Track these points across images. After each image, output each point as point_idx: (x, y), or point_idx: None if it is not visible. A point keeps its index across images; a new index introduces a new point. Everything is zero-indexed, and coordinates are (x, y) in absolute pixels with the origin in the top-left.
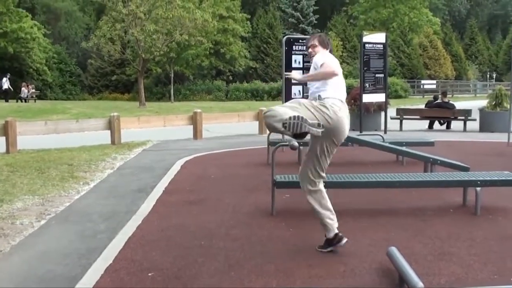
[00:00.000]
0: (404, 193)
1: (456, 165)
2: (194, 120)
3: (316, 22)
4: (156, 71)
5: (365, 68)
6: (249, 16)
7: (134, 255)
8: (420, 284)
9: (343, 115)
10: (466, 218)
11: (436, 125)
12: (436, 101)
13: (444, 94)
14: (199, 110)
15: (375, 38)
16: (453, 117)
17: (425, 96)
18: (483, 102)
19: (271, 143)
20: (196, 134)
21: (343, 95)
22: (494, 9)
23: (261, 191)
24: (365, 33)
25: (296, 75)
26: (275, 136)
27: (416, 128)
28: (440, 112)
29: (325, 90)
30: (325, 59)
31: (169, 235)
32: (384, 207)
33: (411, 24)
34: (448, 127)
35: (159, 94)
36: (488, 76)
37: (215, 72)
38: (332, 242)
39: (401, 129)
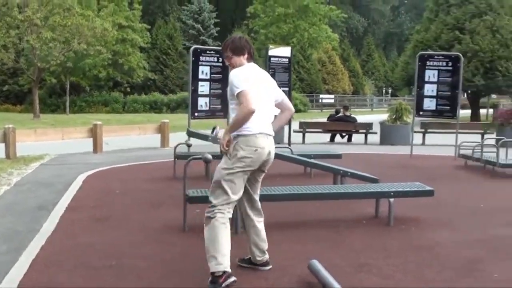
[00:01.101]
0: (314, 205)
1: (366, 177)
2: (94, 133)
3: (216, 34)
4: (51, 82)
5: None
6: (149, 27)
7: (40, 277)
8: None
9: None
10: (380, 229)
11: (338, 138)
12: (338, 115)
13: (346, 108)
14: (99, 123)
15: (281, 52)
16: (354, 130)
17: (324, 110)
18: (380, 116)
19: (178, 156)
20: (96, 147)
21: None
22: (390, 27)
23: (169, 206)
24: (271, 46)
25: (222, 134)
26: (182, 149)
27: (318, 141)
28: (342, 126)
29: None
30: (240, 83)
31: (76, 255)
32: (297, 220)
33: (310, 40)
34: (349, 140)
35: (53, 105)
36: (384, 91)
37: (112, 84)
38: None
39: (303, 142)
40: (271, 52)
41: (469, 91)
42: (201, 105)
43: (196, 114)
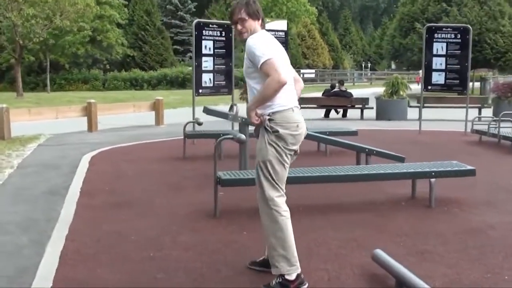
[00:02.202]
0: (341, 188)
1: (393, 155)
2: (89, 111)
3: (194, 9)
4: (29, 60)
5: None
6: (126, 2)
7: (76, 273)
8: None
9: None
10: (422, 211)
11: (332, 113)
12: (334, 90)
13: (342, 82)
14: (93, 101)
15: (277, 25)
16: (350, 105)
17: (305, 86)
18: (364, 91)
19: (188, 136)
20: (91, 126)
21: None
22: (365, 1)
23: (189, 189)
24: (266, 20)
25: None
26: (192, 128)
27: (312, 117)
28: (337, 101)
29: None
30: (264, 51)
31: (108, 246)
32: (332, 202)
33: (289, 14)
34: (344, 115)
35: (32, 83)
36: (363, 65)
37: (91, 61)
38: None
39: None
40: (267, 26)
41: None
42: (205, 81)
43: (200, 91)
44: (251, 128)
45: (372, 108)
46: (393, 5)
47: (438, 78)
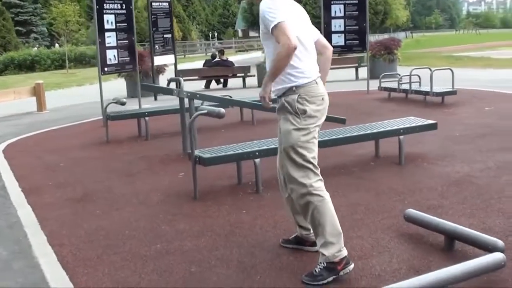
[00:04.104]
0: None
1: (334, 118)
2: None
3: None
4: None
5: (153, 29)
6: None
7: (97, 281)
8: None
9: None
10: (398, 169)
11: (213, 84)
12: (215, 60)
13: (222, 52)
14: None
15: None
16: (232, 74)
17: None
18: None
19: (111, 117)
20: None
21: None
22: None
23: (141, 174)
24: None
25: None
26: (116, 108)
27: (193, 89)
28: (220, 70)
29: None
30: (276, 14)
31: (108, 245)
32: None
33: None
34: (225, 85)
35: None
36: (210, 35)
37: None
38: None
39: None
40: None
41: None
42: (110, 58)
43: (106, 69)
44: (198, 102)
45: (254, 76)
46: None
47: (338, 40)
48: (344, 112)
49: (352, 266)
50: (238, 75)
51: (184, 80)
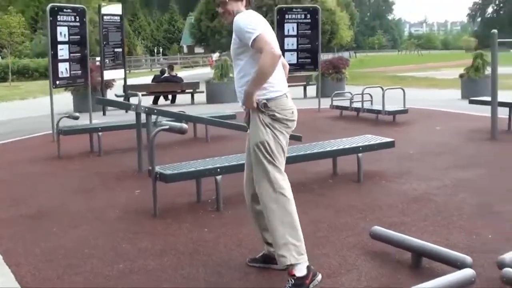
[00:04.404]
0: None
1: (292, 135)
2: None
3: None
4: None
5: (104, 43)
6: None
7: None
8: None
9: None
10: (356, 186)
11: (161, 100)
12: (164, 75)
13: (171, 67)
14: None
15: (112, 9)
16: (180, 90)
17: None
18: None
19: (64, 132)
20: None
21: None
22: None
23: (96, 190)
24: (103, 4)
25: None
26: (68, 123)
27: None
28: (168, 86)
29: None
30: (254, 26)
31: (68, 265)
32: None
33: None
34: (173, 101)
35: None
36: (155, 51)
37: None
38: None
39: None
40: (104, 10)
41: None
42: (62, 71)
43: (57, 82)
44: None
45: (203, 92)
46: None
47: (290, 58)
48: (298, 130)
49: (319, 277)
50: (187, 91)
51: (132, 96)
